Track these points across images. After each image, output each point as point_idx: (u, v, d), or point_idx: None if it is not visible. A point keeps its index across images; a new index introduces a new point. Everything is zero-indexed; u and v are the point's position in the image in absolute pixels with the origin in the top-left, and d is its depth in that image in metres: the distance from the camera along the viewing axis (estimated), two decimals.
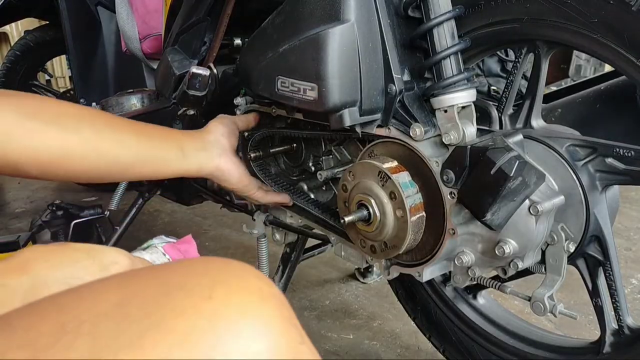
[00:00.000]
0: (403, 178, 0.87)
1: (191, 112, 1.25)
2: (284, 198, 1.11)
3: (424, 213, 0.87)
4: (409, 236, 0.86)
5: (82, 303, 0.38)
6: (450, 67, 0.83)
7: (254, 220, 1.23)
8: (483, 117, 0.92)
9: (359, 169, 0.93)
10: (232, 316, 0.37)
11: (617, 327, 0.89)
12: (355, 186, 0.93)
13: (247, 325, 0.37)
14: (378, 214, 0.89)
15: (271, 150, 1.17)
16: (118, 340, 0.34)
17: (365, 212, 0.90)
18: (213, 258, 0.43)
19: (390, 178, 0.87)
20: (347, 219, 0.91)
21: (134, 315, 0.36)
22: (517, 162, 0.74)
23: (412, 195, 0.86)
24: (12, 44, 2.92)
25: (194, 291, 0.38)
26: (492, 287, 0.93)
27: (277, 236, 1.27)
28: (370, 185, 0.90)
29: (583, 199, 0.83)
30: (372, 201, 0.89)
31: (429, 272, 0.92)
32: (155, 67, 1.39)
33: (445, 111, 0.83)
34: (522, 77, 0.92)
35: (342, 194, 0.96)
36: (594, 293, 0.89)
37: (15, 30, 4.49)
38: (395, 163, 0.89)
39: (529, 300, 0.88)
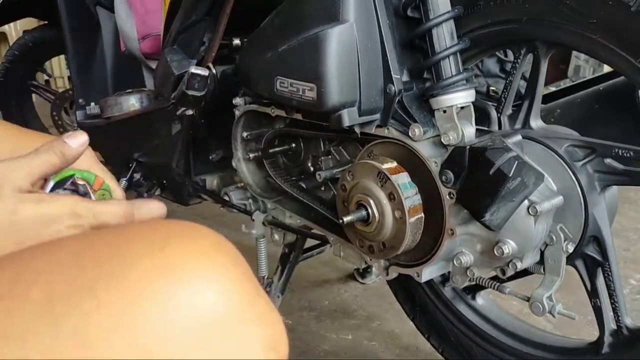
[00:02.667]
0: (402, 179, 0.87)
1: (190, 112, 1.25)
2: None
3: (422, 214, 0.87)
4: (407, 237, 0.86)
5: (38, 256, 0.38)
6: (449, 67, 0.84)
7: (253, 220, 1.23)
8: (482, 117, 0.92)
9: (358, 169, 0.92)
10: (185, 265, 0.37)
11: (615, 328, 0.89)
12: (354, 186, 0.93)
13: (200, 274, 0.37)
14: (377, 215, 0.89)
15: (270, 151, 1.17)
16: (71, 288, 0.34)
17: (364, 213, 0.90)
18: (171, 220, 0.43)
19: (389, 179, 0.87)
20: (345, 219, 0.91)
21: (87, 265, 0.36)
22: (516, 162, 0.74)
23: (411, 196, 0.86)
24: (11, 43, 2.92)
25: (147, 242, 0.38)
26: (491, 287, 0.93)
27: (276, 236, 1.27)
28: (369, 185, 0.90)
29: (582, 200, 0.83)
30: (371, 202, 0.89)
31: (427, 273, 0.92)
32: (154, 67, 1.39)
33: (444, 111, 0.83)
34: (521, 78, 0.92)
35: (341, 193, 0.96)
36: (593, 293, 0.89)
37: (14, 30, 4.48)
38: (394, 164, 0.89)
39: (528, 301, 0.88)
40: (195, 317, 0.35)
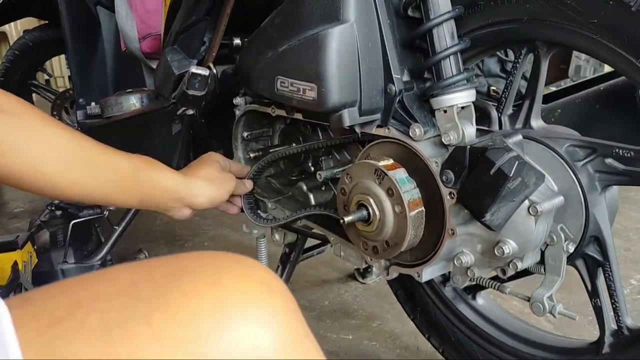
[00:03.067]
0: (399, 174, 0.87)
1: (190, 111, 1.25)
2: (244, 187, 1.13)
3: (422, 208, 0.87)
4: (409, 232, 0.86)
5: (96, 283, 0.39)
6: (449, 67, 0.83)
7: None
8: (482, 117, 0.92)
9: (356, 171, 0.92)
10: (238, 301, 0.38)
11: (616, 328, 0.89)
12: (353, 188, 0.93)
13: (252, 312, 0.37)
14: (377, 212, 0.89)
15: (270, 151, 1.17)
16: (128, 316, 0.35)
17: (364, 212, 0.90)
18: (223, 252, 0.44)
19: (386, 175, 0.87)
20: (346, 219, 0.91)
21: (144, 295, 0.37)
22: (517, 162, 0.74)
23: (409, 190, 0.86)
24: (11, 43, 2.91)
25: (201, 275, 0.39)
26: (491, 287, 0.93)
27: (277, 236, 1.27)
28: (367, 184, 0.90)
29: (582, 200, 0.83)
30: (371, 200, 0.89)
31: (428, 273, 0.92)
32: (154, 66, 1.39)
33: (445, 111, 0.83)
34: (521, 78, 0.92)
35: (341, 197, 0.96)
36: (593, 293, 0.89)
37: (15, 29, 4.49)
38: (391, 161, 0.89)
39: (529, 301, 0.88)
40: (245, 354, 0.36)
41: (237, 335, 0.36)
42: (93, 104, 1.69)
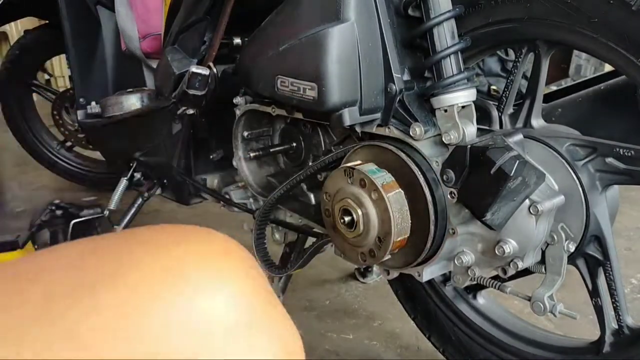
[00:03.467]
0: (368, 166, 0.88)
1: (191, 111, 1.25)
2: None
3: (400, 190, 0.86)
4: (393, 215, 0.85)
5: (46, 258, 0.38)
6: (450, 66, 0.83)
7: (255, 218, 1.23)
8: (483, 116, 0.92)
9: (329, 185, 0.94)
10: (192, 268, 0.35)
11: (617, 327, 0.89)
12: (334, 204, 0.93)
13: (208, 278, 0.35)
14: (357, 209, 0.88)
15: (271, 150, 1.17)
16: (71, 288, 0.34)
17: (347, 218, 0.90)
18: (185, 225, 0.41)
19: (354, 169, 0.88)
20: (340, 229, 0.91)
21: (90, 267, 0.35)
22: (517, 161, 0.74)
23: (380, 175, 0.86)
24: (12, 43, 2.91)
25: (153, 246, 0.37)
26: (492, 286, 0.93)
27: (277, 236, 1.27)
28: (342, 189, 0.90)
29: (583, 199, 0.83)
30: (349, 201, 0.89)
31: (428, 272, 0.92)
32: (155, 66, 1.39)
33: (445, 111, 0.83)
34: (522, 77, 0.92)
35: (328, 220, 0.96)
36: (594, 293, 0.89)
37: (15, 29, 4.49)
38: (358, 162, 0.90)
39: (529, 300, 0.88)
40: (200, 324, 0.34)
41: (193, 302, 0.34)
42: (93, 103, 1.69)
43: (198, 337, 0.33)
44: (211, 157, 1.36)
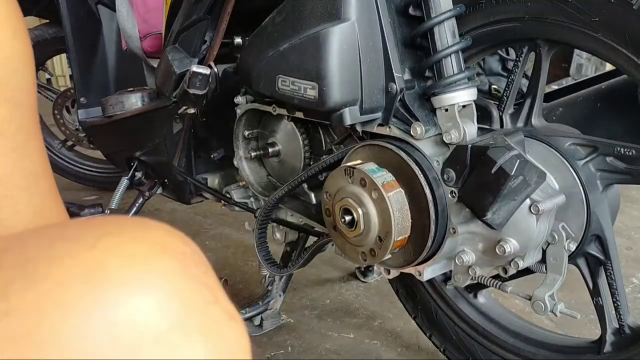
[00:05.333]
0: (368, 166, 0.88)
1: (191, 110, 1.25)
2: None
3: (400, 189, 0.87)
4: (393, 214, 0.85)
5: None
6: (451, 65, 0.83)
7: (256, 218, 1.23)
8: (484, 116, 0.92)
9: (330, 184, 0.94)
10: (117, 266, 0.31)
11: (617, 327, 0.89)
12: (334, 203, 0.93)
13: (133, 278, 0.31)
14: (358, 208, 0.89)
15: (270, 150, 1.17)
16: None
17: (347, 218, 0.90)
18: (120, 216, 0.37)
19: (354, 168, 0.88)
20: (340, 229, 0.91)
21: (6, 265, 0.31)
22: (518, 161, 0.74)
23: (381, 175, 0.86)
24: None
25: (79, 240, 0.33)
26: (492, 286, 0.93)
27: (278, 235, 1.27)
28: (343, 189, 0.91)
29: (584, 198, 0.83)
30: (349, 200, 0.89)
31: (429, 271, 0.92)
32: (155, 65, 1.39)
33: (446, 110, 0.83)
34: (523, 76, 0.92)
35: (329, 219, 0.96)
36: (595, 292, 0.89)
37: None
38: (358, 161, 0.90)
39: (530, 300, 0.88)
40: (124, 331, 0.30)
41: (112, 303, 0.30)
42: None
43: (122, 346, 0.30)
44: (212, 156, 1.36)
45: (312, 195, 1.14)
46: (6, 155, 0.44)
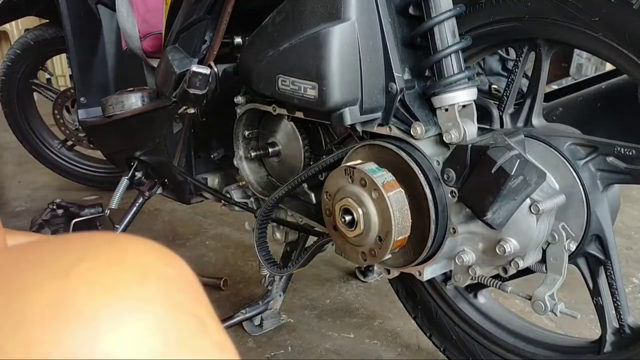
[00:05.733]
0: (368, 166, 0.88)
1: (191, 110, 1.25)
2: None
3: (400, 189, 0.87)
4: (394, 214, 0.85)
5: None
6: (451, 65, 0.83)
7: (256, 217, 1.23)
8: (484, 115, 0.92)
9: (330, 184, 0.94)
10: (85, 297, 0.27)
11: (617, 326, 0.89)
12: (334, 203, 0.93)
13: (105, 310, 0.27)
14: (358, 208, 0.89)
15: (270, 150, 1.17)
16: None
17: (347, 217, 0.90)
18: (100, 232, 0.33)
19: (355, 168, 0.88)
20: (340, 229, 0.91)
21: None
22: (518, 161, 0.74)
23: (381, 175, 0.87)
24: (12, 42, 2.91)
25: (53, 266, 0.29)
26: (492, 286, 0.93)
27: (278, 235, 1.27)
28: (343, 189, 0.91)
29: (584, 198, 0.83)
30: (349, 200, 0.89)
31: (429, 271, 0.92)
32: (155, 65, 1.39)
33: (446, 110, 0.83)
34: (523, 76, 0.92)
35: (329, 219, 0.96)
36: (595, 292, 0.89)
37: (16, 28, 4.49)
38: (358, 161, 0.91)
39: (530, 299, 0.88)
40: None
41: (81, 343, 0.26)
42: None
43: None
44: (212, 156, 1.36)
45: (312, 195, 1.14)
46: None
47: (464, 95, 0.83)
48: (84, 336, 0.26)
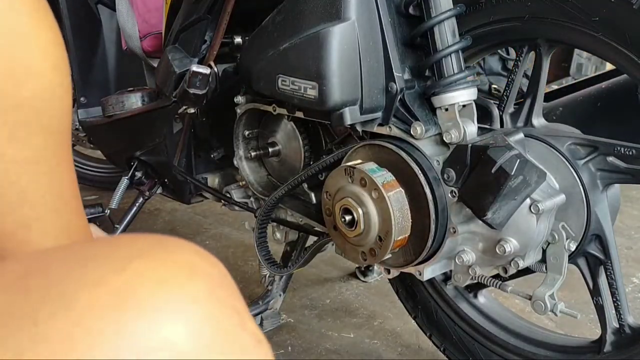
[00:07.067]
0: (368, 165, 0.88)
1: (191, 110, 1.25)
2: None
3: (400, 189, 0.87)
4: (394, 214, 0.85)
5: None
6: (451, 65, 0.83)
7: (256, 217, 1.23)
8: (484, 115, 0.92)
9: (330, 184, 0.94)
10: (146, 290, 0.30)
11: (617, 326, 0.89)
12: (334, 203, 0.93)
13: (163, 302, 0.30)
14: (358, 208, 0.89)
15: (270, 150, 1.17)
16: (11, 313, 0.29)
17: (348, 217, 0.90)
18: (148, 235, 0.37)
19: (355, 168, 0.88)
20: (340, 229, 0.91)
21: (33, 288, 0.31)
22: (518, 160, 0.74)
23: (381, 174, 0.87)
24: None
25: (107, 262, 0.32)
26: (492, 285, 0.93)
27: (278, 235, 1.27)
28: (343, 188, 0.91)
29: (584, 198, 0.83)
30: (349, 200, 0.89)
31: (429, 271, 0.92)
32: (155, 65, 1.39)
33: (446, 110, 0.83)
34: (523, 76, 0.92)
35: (329, 219, 0.96)
36: (595, 292, 0.89)
37: None
38: (358, 161, 0.91)
39: (530, 299, 0.88)
40: (155, 353, 0.29)
41: (143, 330, 0.29)
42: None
43: None
44: (212, 156, 1.36)
45: (312, 195, 1.14)
46: (39, 181, 0.44)
47: (464, 95, 0.83)
48: (144, 324, 0.29)
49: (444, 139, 0.84)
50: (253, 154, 1.19)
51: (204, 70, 1.12)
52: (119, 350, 0.29)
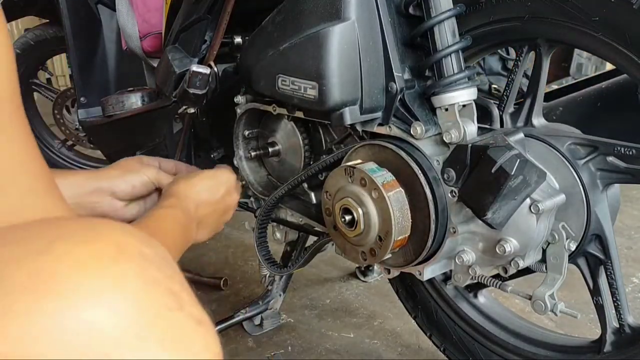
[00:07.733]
0: (368, 165, 0.88)
1: (191, 110, 1.25)
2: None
3: (400, 189, 0.87)
4: (393, 213, 0.85)
5: None
6: (451, 65, 0.83)
7: (256, 217, 1.23)
8: (484, 115, 0.92)
9: (330, 184, 0.94)
10: (65, 272, 0.29)
11: (618, 326, 0.89)
12: (334, 202, 0.93)
13: (82, 284, 0.29)
14: (358, 208, 0.89)
15: (270, 150, 1.17)
16: None
17: (348, 217, 0.90)
18: (80, 217, 0.35)
19: (355, 168, 0.88)
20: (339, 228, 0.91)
21: None
22: (518, 160, 0.74)
23: (381, 174, 0.87)
24: (12, 42, 2.90)
25: (32, 243, 0.31)
26: (492, 285, 0.93)
27: (278, 235, 1.27)
28: (343, 188, 0.91)
29: (584, 198, 0.83)
30: (349, 200, 0.90)
31: (429, 271, 0.92)
32: (155, 65, 1.39)
33: (446, 109, 0.83)
34: (523, 76, 0.92)
35: (329, 219, 0.96)
36: (595, 292, 0.89)
37: (16, 28, 4.49)
38: (358, 160, 0.91)
39: (530, 299, 0.88)
40: (73, 336, 0.28)
41: (62, 312, 0.28)
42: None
43: (74, 352, 0.28)
44: (212, 156, 1.36)
45: (312, 194, 1.14)
46: None
47: (464, 95, 0.83)
48: (62, 306, 0.28)
49: (444, 138, 0.84)
50: (253, 153, 1.19)
51: (204, 70, 1.12)
52: (35, 332, 0.27)
